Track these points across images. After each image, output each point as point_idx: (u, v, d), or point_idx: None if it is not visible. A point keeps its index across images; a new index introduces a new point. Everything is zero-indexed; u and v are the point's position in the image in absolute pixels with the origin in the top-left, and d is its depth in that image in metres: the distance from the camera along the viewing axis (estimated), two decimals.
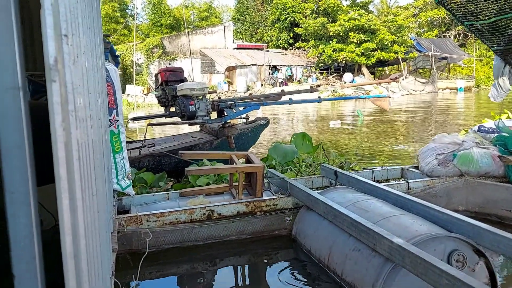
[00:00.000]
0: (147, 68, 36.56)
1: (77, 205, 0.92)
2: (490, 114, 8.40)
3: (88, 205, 1.17)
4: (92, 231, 1.24)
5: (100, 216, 1.58)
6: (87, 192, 1.18)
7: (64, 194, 0.85)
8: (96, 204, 1.44)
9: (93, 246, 1.29)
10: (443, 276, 2.16)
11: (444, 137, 5.22)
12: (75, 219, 0.90)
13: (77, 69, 1.12)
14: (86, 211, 1.10)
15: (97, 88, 2.17)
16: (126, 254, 3.57)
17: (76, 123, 0.99)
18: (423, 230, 2.87)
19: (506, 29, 3.85)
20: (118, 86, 3.76)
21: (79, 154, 0.99)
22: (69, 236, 0.86)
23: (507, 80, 5.07)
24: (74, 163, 0.91)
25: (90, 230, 1.17)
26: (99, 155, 1.99)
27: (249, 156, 4.60)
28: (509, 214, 4.36)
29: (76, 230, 0.90)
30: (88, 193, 1.20)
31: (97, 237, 1.45)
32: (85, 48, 1.48)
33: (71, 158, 0.89)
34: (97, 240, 1.43)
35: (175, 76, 6.59)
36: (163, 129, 13.44)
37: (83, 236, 0.97)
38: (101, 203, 1.79)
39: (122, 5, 43.97)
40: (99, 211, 1.55)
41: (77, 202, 0.93)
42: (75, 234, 0.89)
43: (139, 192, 4.67)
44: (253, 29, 49.22)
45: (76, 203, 0.91)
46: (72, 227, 0.88)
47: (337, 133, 12.25)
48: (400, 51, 36.61)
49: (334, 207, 3.37)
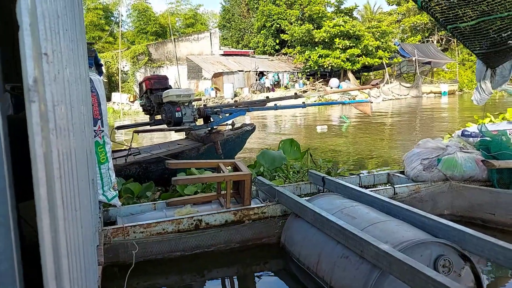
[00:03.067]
0: (133, 75, 36.33)
1: (58, 224, 0.90)
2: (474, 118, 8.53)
3: (70, 222, 1.15)
4: (75, 247, 1.23)
5: (84, 230, 1.56)
6: (70, 208, 1.16)
7: (44, 215, 0.84)
8: (79, 219, 1.42)
9: (77, 262, 1.27)
10: (430, 283, 2.18)
11: (428, 142, 5.28)
12: (57, 238, 0.88)
13: (58, 85, 1.11)
14: (68, 228, 1.09)
15: (81, 100, 2.15)
16: (113, 266, 3.52)
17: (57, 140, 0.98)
18: (409, 236, 2.89)
19: (489, 30, 3.92)
20: (103, 96, 3.73)
21: (61, 173, 0.98)
22: (50, 257, 0.85)
23: (489, 83, 5.15)
24: (55, 181, 0.90)
25: (73, 246, 1.15)
26: (83, 168, 1.96)
27: (236, 164, 4.60)
28: (493, 217, 4.41)
29: (57, 249, 0.88)
30: (71, 209, 1.18)
31: (81, 252, 1.43)
32: (67, 61, 1.47)
33: (52, 177, 0.88)
34: (80, 256, 1.41)
35: (159, 84, 6.57)
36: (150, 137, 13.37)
37: (65, 255, 0.96)
38: (85, 217, 1.77)
39: (107, 12, 43.67)
40: (83, 226, 1.53)
41: (59, 221, 0.91)
42: (56, 254, 0.88)
43: (125, 203, 4.62)
44: (239, 36, 49.35)
45: (58, 222, 0.90)
46: (54, 247, 0.87)
47: (324, 138, 12.31)
48: (385, 56, 37.03)
49: (322, 214, 3.37)
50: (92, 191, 2.58)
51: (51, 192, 0.87)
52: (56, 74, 1.08)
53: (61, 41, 1.32)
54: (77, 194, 1.42)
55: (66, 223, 1.04)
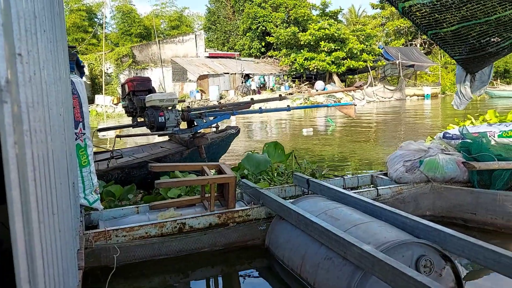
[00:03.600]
0: (116, 77, 35.99)
1: (33, 227, 0.89)
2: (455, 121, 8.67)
3: (47, 225, 1.13)
4: (52, 251, 1.20)
5: (62, 234, 1.53)
6: (46, 212, 1.14)
7: (17, 217, 0.82)
8: (57, 223, 1.40)
9: (54, 266, 1.24)
10: (411, 283, 2.20)
11: (411, 144, 5.35)
12: (31, 242, 0.87)
13: (34, 86, 1.09)
14: (44, 231, 1.07)
15: (61, 102, 2.12)
16: (96, 271, 3.47)
17: (31, 141, 0.96)
18: (392, 236, 2.92)
19: (468, 36, 3.98)
20: (85, 99, 3.68)
21: (35, 175, 0.96)
22: (24, 261, 0.83)
23: (469, 88, 5.24)
24: (29, 184, 0.88)
25: (49, 251, 1.13)
26: (62, 170, 1.93)
27: (220, 166, 4.58)
28: (474, 217, 4.49)
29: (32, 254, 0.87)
30: (47, 213, 1.16)
31: (59, 256, 1.41)
32: (45, 63, 1.45)
33: (26, 179, 0.86)
34: (58, 260, 1.38)
35: (142, 86, 6.49)
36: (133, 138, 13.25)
37: (40, 259, 0.94)
38: (64, 221, 1.74)
39: (90, 14, 43.18)
40: (61, 229, 1.51)
41: (33, 224, 0.90)
42: (30, 258, 0.86)
43: (107, 206, 4.57)
44: (224, 38, 49.34)
45: (32, 226, 0.88)
46: (27, 251, 0.85)
47: (309, 140, 12.37)
48: (369, 59, 37.43)
49: (306, 216, 3.38)
50: (72, 195, 2.55)
51: (25, 195, 0.85)
52: (32, 75, 1.06)
53: (38, 42, 1.30)
54: (55, 197, 1.40)
55: (42, 227, 1.02)
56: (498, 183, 4.55)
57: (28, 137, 0.91)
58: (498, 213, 4.31)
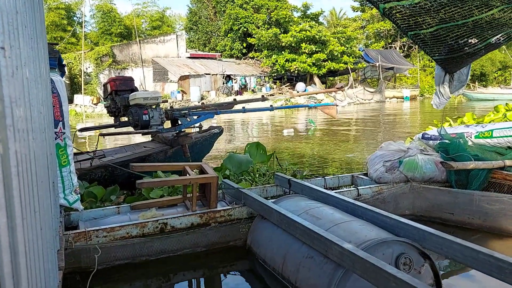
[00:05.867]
0: (96, 77, 35.46)
1: (16, 223, 0.88)
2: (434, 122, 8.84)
3: (29, 222, 1.12)
4: (34, 249, 1.19)
5: (43, 233, 1.51)
6: (28, 209, 1.13)
7: (1, 212, 0.81)
8: (38, 221, 1.38)
9: (36, 264, 1.23)
10: (391, 280, 2.24)
11: (390, 145, 5.43)
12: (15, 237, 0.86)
13: (16, 81, 1.07)
14: (27, 228, 1.05)
15: (41, 100, 2.09)
16: (74, 272, 3.42)
17: (14, 137, 0.95)
18: (372, 235, 2.96)
19: (446, 38, 4.07)
20: (65, 97, 3.63)
21: (18, 170, 0.95)
22: (7, 255, 0.82)
23: (448, 88, 5.36)
24: (12, 179, 0.87)
25: (32, 248, 1.12)
26: (43, 169, 1.91)
27: (203, 166, 4.57)
28: (451, 216, 4.59)
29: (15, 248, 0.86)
30: (30, 210, 1.15)
31: (40, 255, 1.39)
32: (26, 59, 1.43)
33: (9, 174, 0.86)
34: (40, 258, 1.37)
35: (125, 86, 6.43)
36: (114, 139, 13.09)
37: (23, 254, 0.93)
38: (45, 219, 1.72)
39: (70, 12, 42.43)
40: (42, 227, 1.49)
41: (16, 220, 0.89)
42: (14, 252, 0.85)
43: (88, 207, 4.50)
44: (206, 39, 49.15)
45: (15, 221, 0.87)
46: (11, 245, 0.84)
47: (290, 141, 12.43)
48: (350, 61, 37.84)
49: (287, 215, 3.40)
50: (52, 194, 2.51)
51: (8, 190, 0.85)
52: (14, 70, 1.05)
53: (19, 37, 1.29)
54: (36, 195, 1.38)
55: (25, 223, 1.01)
56: (475, 182, 4.67)
57: (11, 132, 0.90)
58: (475, 213, 4.42)
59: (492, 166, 4.67)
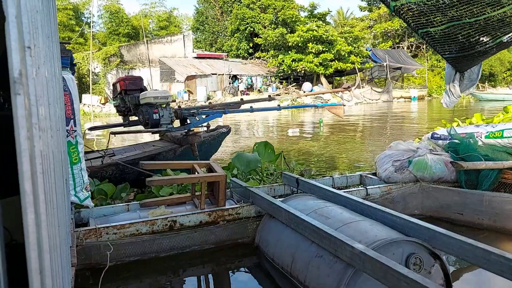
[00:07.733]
0: (104, 77, 35.69)
1: (41, 220, 0.89)
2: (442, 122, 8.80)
3: (50, 219, 1.13)
4: (54, 246, 1.21)
5: (60, 230, 1.53)
6: (50, 206, 1.15)
7: (29, 209, 0.83)
8: (56, 217, 1.40)
9: (55, 261, 1.25)
10: (402, 280, 2.24)
11: (399, 145, 5.42)
12: (40, 234, 0.87)
13: (39, 80, 1.09)
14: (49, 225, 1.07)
15: (56, 98, 2.12)
16: (85, 269, 3.45)
17: (39, 135, 0.97)
18: (382, 235, 2.96)
19: (458, 35, 4.05)
20: (76, 96, 3.66)
21: (43, 168, 0.97)
22: (35, 252, 0.84)
23: (458, 87, 5.33)
24: (38, 176, 0.89)
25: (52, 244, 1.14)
26: (58, 167, 1.93)
27: (211, 165, 4.60)
28: (461, 217, 4.57)
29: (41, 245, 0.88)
30: (51, 207, 1.17)
31: (58, 251, 1.41)
32: (44, 58, 1.45)
33: (35, 172, 0.87)
34: (57, 254, 1.39)
35: (134, 85, 6.49)
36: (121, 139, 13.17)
37: (47, 251, 0.95)
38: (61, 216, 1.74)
39: (77, 12, 42.71)
40: (60, 225, 1.51)
41: (41, 216, 0.90)
42: (40, 249, 0.87)
43: (98, 204, 4.54)
44: (212, 39, 49.27)
45: (41, 218, 0.89)
46: (37, 242, 0.86)
47: (296, 141, 12.42)
48: (357, 61, 37.75)
49: (296, 215, 3.41)
50: (66, 191, 2.54)
51: (35, 187, 0.86)
52: (37, 69, 1.07)
53: (39, 36, 1.31)
54: (54, 192, 1.40)
55: (48, 220, 1.03)
56: (485, 183, 4.64)
57: (37, 130, 0.92)
58: (485, 214, 4.39)
59: (503, 166, 4.64)
